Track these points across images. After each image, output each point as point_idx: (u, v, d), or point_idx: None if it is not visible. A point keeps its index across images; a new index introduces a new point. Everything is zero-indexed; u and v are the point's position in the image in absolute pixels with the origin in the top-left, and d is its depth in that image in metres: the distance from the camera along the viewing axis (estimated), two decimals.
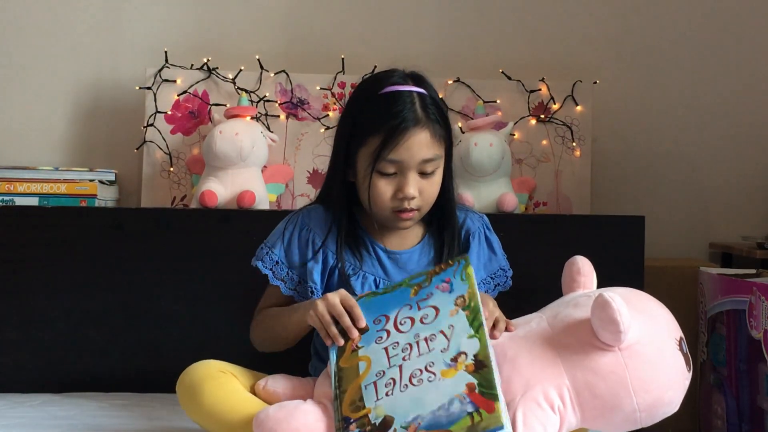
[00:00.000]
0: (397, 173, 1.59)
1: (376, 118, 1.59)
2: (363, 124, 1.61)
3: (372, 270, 1.67)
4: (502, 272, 1.73)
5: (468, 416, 1.30)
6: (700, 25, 2.90)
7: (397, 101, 1.59)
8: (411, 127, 1.56)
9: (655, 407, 1.47)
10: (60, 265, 2.31)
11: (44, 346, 2.29)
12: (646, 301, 1.57)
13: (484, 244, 1.72)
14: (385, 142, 1.56)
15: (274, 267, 1.72)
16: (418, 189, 1.60)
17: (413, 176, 1.59)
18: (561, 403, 1.43)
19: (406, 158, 1.57)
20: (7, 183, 2.48)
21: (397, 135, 1.55)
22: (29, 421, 1.95)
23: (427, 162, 1.59)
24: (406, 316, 1.47)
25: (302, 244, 1.70)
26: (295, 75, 2.72)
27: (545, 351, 1.47)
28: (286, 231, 1.73)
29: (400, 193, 1.58)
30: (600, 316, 1.43)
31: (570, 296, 1.62)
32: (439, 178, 1.64)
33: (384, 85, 1.62)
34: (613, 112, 2.85)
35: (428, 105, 1.60)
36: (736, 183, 2.90)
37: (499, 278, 1.72)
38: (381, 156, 1.56)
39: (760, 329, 2.11)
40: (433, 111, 1.61)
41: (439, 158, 1.61)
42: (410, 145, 1.56)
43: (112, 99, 2.80)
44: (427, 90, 1.64)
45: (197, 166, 2.63)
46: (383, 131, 1.56)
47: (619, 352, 1.45)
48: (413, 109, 1.58)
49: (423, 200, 1.62)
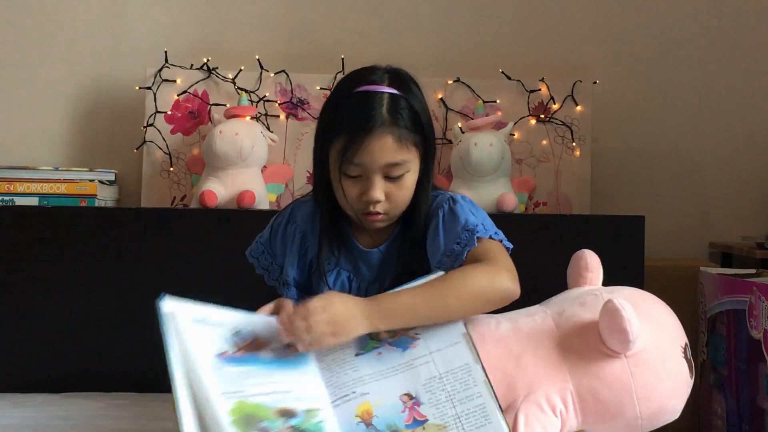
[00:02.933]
0: (362, 176, 1.54)
1: (343, 119, 1.55)
2: (332, 123, 1.57)
3: (346, 266, 1.66)
4: (465, 232, 1.55)
5: None
6: (700, 25, 2.90)
7: (365, 102, 1.53)
8: (373, 130, 1.50)
9: (657, 415, 1.47)
10: (60, 265, 2.31)
11: (44, 346, 2.29)
12: (653, 305, 1.56)
13: (445, 220, 1.59)
14: (348, 143, 1.51)
15: (260, 256, 1.72)
16: (384, 192, 1.54)
17: (378, 180, 1.53)
18: (563, 407, 1.43)
19: (367, 162, 1.52)
20: (7, 183, 2.48)
21: (359, 138, 1.50)
22: (29, 421, 1.95)
23: (392, 166, 1.53)
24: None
25: (287, 236, 1.69)
26: (295, 75, 2.73)
27: (551, 353, 1.46)
28: (275, 222, 1.73)
29: (365, 196, 1.54)
30: (609, 324, 1.42)
31: (576, 292, 1.61)
32: (410, 182, 1.57)
33: (358, 84, 1.57)
34: (613, 112, 2.86)
35: (399, 108, 1.53)
36: (736, 183, 2.90)
37: (463, 239, 1.54)
38: (344, 158, 1.52)
39: (760, 329, 2.11)
40: (405, 115, 1.53)
41: (407, 163, 1.54)
42: (372, 149, 1.51)
43: (112, 99, 2.80)
44: (405, 92, 1.57)
45: (197, 166, 2.63)
46: (347, 132, 1.52)
47: (625, 359, 1.44)
48: (379, 112, 1.51)
49: (391, 204, 1.56)
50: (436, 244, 1.56)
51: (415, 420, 1.33)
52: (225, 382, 1.28)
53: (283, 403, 1.29)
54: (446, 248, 1.54)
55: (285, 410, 1.28)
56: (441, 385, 1.35)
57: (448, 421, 1.31)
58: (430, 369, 1.38)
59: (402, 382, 1.37)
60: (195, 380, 1.26)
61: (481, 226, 1.54)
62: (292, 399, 1.31)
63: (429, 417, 1.32)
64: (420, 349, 1.40)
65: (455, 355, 1.38)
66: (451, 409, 1.32)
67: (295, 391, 1.32)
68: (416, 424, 1.32)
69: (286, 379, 1.34)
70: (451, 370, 1.36)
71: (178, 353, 1.27)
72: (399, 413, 1.33)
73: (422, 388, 1.36)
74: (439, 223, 1.58)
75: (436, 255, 1.55)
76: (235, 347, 1.35)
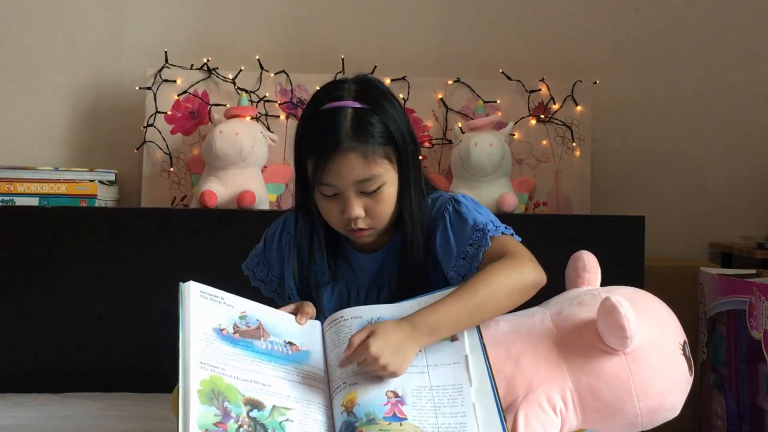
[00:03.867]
0: (338, 194, 1.52)
1: (310, 140, 1.53)
2: (302, 144, 1.56)
3: (344, 275, 1.65)
4: (476, 233, 1.54)
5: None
6: (700, 25, 2.90)
7: (329, 121, 1.51)
8: (336, 149, 1.48)
9: (657, 412, 1.47)
10: (60, 265, 2.31)
11: (44, 346, 2.29)
12: (650, 303, 1.56)
13: (453, 223, 1.58)
14: (316, 164, 1.50)
15: (255, 269, 1.71)
16: (363, 208, 1.52)
17: (353, 197, 1.51)
18: (563, 406, 1.43)
19: (336, 182, 1.50)
20: (7, 183, 2.48)
21: (325, 158, 1.48)
22: (29, 421, 1.95)
23: (364, 182, 1.50)
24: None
25: (282, 247, 1.68)
26: (295, 75, 2.73)
27: (550, 352, 1.47)
28: (268, 233, 1.72)
29: (344, 214, 1.52)
30: (607, 321, 1.42)
31: (574, 293, 1.62)
32: (389, 194, 1.54)
33: (324, 102, 1.54)
34: (613, 112, 2.86)
35: (364, 123, 1.50)
36: (736, 183, 2.90)
37: (476, 240, 1.53)
38: (315, 179, 1.51)
39: (760, 329, 2.11)
40: (372, 129, 1.50)
41: (379, 176, 1.51)
42: (338, 169, 1.49)
43: (112, 99, 2.80)
44: (372, 104, 1.53)
45: (197, 166, 2.63)
46: (314, 153, 1.51)
47: (623, 356, 1.44)
48: (342, 130, 1.49)
49: (373, 218, 1.54)
50: (447, 247, 1.56)
51: (395, 415, 1.33)
52: (209, 354, 1.31)
53: (255, 393, 1.31)
54: (459, 251, 1.54)
55: (253, 401, 1.29)
56: (429, 395, 1.36)
57: (426, 428, 1.32)
58: (423, 379, 1.38)
59: (392, 382, 1.37)
60: (183, 345, 1.30)
61: (490, 224, 1.54)
62: (267, 393, 1.32)
63: (409, 417, 1.33)
64: (418, 359, 1.41)
65: (451, 374, 1.39)
66: (433, 418, 1.33)
67: (275, 386, 1.34)
68: (395, 419, 1.33)
69: (271, 373, 1.36)
70: (443, 385, 1.37)
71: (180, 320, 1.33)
72: (381, 405, 1.34)
73: (410, 391, 1.36)
74: (447, 226, 1.57)
75: (449, 259, 1.55)
76: (235, 329, 1.39)
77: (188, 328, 1.32)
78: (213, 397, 1.25)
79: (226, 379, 1.29)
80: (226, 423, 1.23)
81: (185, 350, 1.29)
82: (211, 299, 1.41)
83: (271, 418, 1.29)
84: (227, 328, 1.38)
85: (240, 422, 1.25)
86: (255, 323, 1.42)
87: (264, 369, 1.35)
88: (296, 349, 1.43)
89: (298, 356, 1.42)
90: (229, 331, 1.38)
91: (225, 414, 1.24)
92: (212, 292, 1.42)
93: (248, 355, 1.36)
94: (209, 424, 1.21)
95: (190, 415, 1.21)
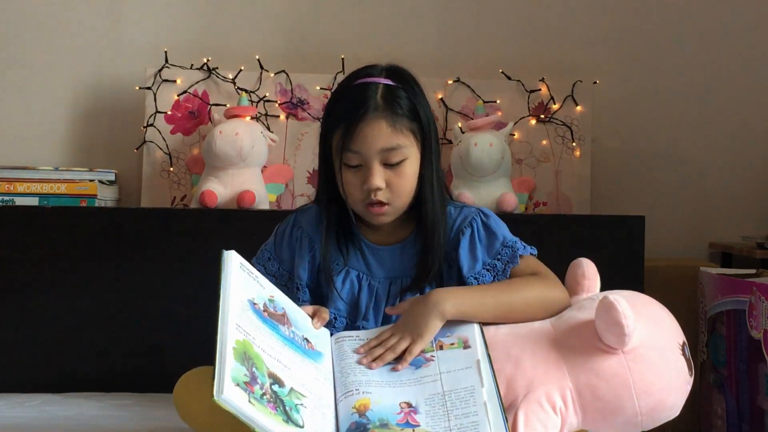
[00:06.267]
0: (362, 165, 1.57)
1: (341, 110, 1.59)
2: (331, 115, 1.62)
3: (356, 265, 1.66)
4: (505, 249, 1.62)
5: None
6: (699, 25, 2.90)
7: (360, 92, 1.57)
8: (366, 114, 1.54)
9: (657, 411, 1.47)
10: (60, 265, 2.31)
11: (44, 346, 2.29)
12: (649, 305, 1.57)
13: (480, 235, 1.64)
14: (345, 132, 1.55)
15: (267, 264, 1.73)
16: (384, 180, 1.56)
17: (376, 167, 1.55)
18: (563, 405, 1.44)
19: (363, 148, 1.54)
20: (7, 183, 2.48)
21: (354, 124, 1.54)
22: (29, 421, 1.95)
23: (388, 151, 1.55)
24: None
25: (293, 241, 1.71)
26: (295, 75, 2.73)
27: (549, 353, 1.47)
28: (279, 229, 1.75)
29: (365, 184, 1.56)
30: (605, 319, 1.43)
31: (573, 300, 1.63)
32: (411, 171, 1.58)
33: (356, 79, 1.62)
34: (613, 112, 2.86)
35: (395, 97, 1.57)
36: (736, 183, 2.90)
37: (504, 255, 1.61)
38: (343, 146, 1.55)
39: (760, 329, 2.11)
40: (400, 103, 1.57)
41: (404, 148, 1.56)
42: (366, 134, 1.54)
43: (112, 99, 2.80)
44: (402, 84, 1.60)
45: (197, 166, 2.63)
46: (344, 121, 1.56)
47: (622, 355, 1.44)
48: (373, 99, 1.55)
49: (393, 193, 1.57)
50: (473, 255, 1.62)
51: (408, 423, 1.35)
52: (244, 320, 1.35)
53: (278, 371, 1.33)
54: (486, 262, 1.61)
55: (275, 376, 1.32)
56: (442, 401, 1.38)
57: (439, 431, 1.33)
58: (435, 386, 1.41)
59: (406, 393, 1.40)
60: (222, 305, 1.34)
61: (520, 244, 1.64)
62: (287, 374, 1.34)
63: (422, 424, 1.35)
64: (431, 368, 1.44)
65: (463, 378, 1.41)
66: (446, 422, 1.35)
67: (294, 371, 1.37)
68: (408, 425, 1.34)
69: (292, 358, 1.39)
70: (455, 389, 1.39)
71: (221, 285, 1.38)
72: (394, 414, 1.36)
73: (423, 400, 1.38)
74: (475, 235, 1.64)
75: (473, 266, 1.60)
76: (265, 308, 1.43)
77: (228, 291, 1.36)
78: (245, 359, 1.28)
79: (255, 348, 1.32)
80: (254, 386, 1.26)
81: (225, 308, 1.33)
82: (248, 274, 1.45)
83: (289, 398, 1.31)
84: (259, 304, 1.42)
85: (264, 390, 1.27)
86: (281, 310, 1.46)
87: (286, 353, 1.38)
88: (311, 347, 1.46)
89: (313, 354, 1.45)
90: (260, 308, 1.41)
91: (252, 378, 1.27)
92: (249, 268, 1.47)
93: (274, 335, 1.39)
94: (240, 381, 1.24)
95: (226, 367, 1.23)
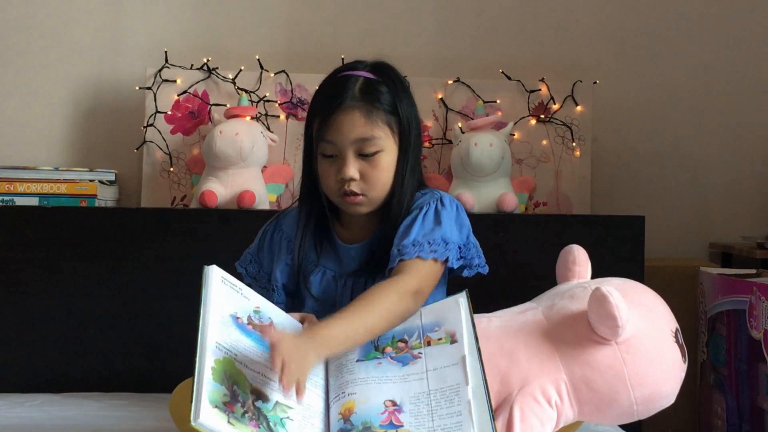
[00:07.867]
0: (337, 155, 1.58)
1: (320, 101, 1.61)
2: (312, 107, 1.65)
3: (329, 264, 1.67)
4: (442, 242, 1.57)
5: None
6: (700, 25, 2.90)
7: (340, 84, 1.59)
8: (342, 105, 1.55)
9: (652, 400, 1.47)
10: (60, 265, 2.31)
11: (44, 346, 2.29)
12: (641, 293, 1.57)
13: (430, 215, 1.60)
14: (321, 122, 1.57)
15: (248, 266, 1.75)
16: (358, 171, 1.56)
17: (350, 157, 1.56)
18: (558, 398, 1.44)
19: (338, 138, 1.56)
20: (7, 183, 2.48)
21: (329, 114, 1.56)
22: (29, 421, 1.95)
23: (362, 142, 1.55)
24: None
25: (273, 245, 1.73)
26: (295, 75, 2.73)
27: (543, 346, 1.47)
28: (262, 233, 1.77)
29: (339, 174, 1.57)
30: (598, 311, 1.42)
31: (565, 286, 1.62)
32: (386, 164, 1.58)
33: (338, 72, 1.64)
34: (613, 112, 2.86)
35: (373, 90, 1.58)
36: (736, 183, 2.90)
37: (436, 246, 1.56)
38: (320, 136, 1.58)
39: (760, 329, 2.11)
40: (380, 97, 1.57)
41: (378, 140, 1.56)
42: (341, 124, 1.55)
43: (112, 99, 2.80)
44: (384, 78, 1.61)
45: (197, 166, 2.63)
46: (322, 112, 1.58)
47: (616, 346, 1.44)
48: (351, 90, 1.56)
49: (367, 184, 1.57)
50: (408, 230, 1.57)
51: (392, 423, 1.34)
52: (225, 337, 1.34)
53: (261, 385, 1.32)
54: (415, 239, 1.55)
55: (259, 391, 1.31)
56: (427, 400, 1.37)
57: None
58: (422, 385, 1.39)
59: (391, 391, 1.39)
60: (202, 324, 1.33)
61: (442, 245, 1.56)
62: (271, 388, 1.33)
63: (405, 424, 1.34)
64: (418, 366, 1.42)
65: (449, 375, 1.39)
66: (429, 422, 1.34)
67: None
68: (391, 426, 1.34)
69: None
70: (441, 388, 1.38)
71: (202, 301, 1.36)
72: (378, 414, 1.36)
73: (408, 399, 1.37)
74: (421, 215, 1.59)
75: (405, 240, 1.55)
76: (249, 321, 1.41)
77: (208, 308, 1.35)
78: (224, 378, 1.28)
79: (237, 364, 1.31)
80: (234, 405, 1.25)
81: (204, 328, 1.32)
82: (230, 287, 1.44)
83: (273, 412, 1.31)
84: (242, 317, 1.40)
85: (246, 408, 1.27)
86: (267, 320, 1.45)
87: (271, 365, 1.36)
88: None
89: None
90: (244, 321, 1.40)
91: (233, 396, 1.26)
92: (232, 281, 1.45)
93: (258, 348, 1.37)
94: (219, 402, 1.23)
95: (203, 389, 1.23)
